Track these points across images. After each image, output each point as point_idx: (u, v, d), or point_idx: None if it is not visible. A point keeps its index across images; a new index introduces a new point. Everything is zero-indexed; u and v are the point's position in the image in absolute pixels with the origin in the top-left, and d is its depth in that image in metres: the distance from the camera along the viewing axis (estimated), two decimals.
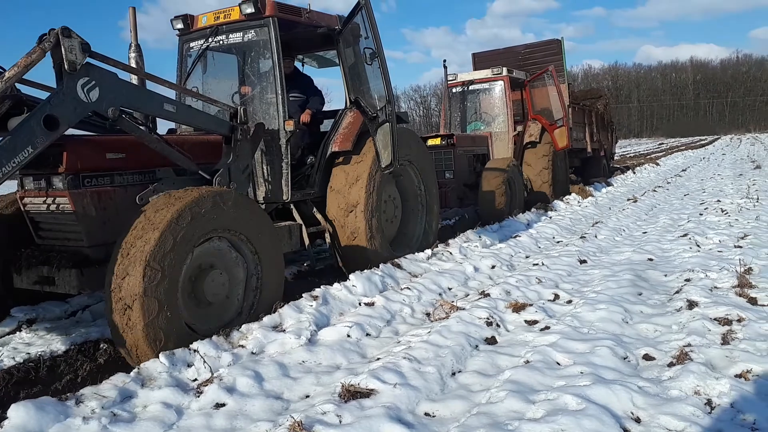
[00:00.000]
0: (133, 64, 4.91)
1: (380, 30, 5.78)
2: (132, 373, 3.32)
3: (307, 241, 5.70)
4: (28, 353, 4.08)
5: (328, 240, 5.99)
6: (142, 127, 4.25)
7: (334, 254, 6.07)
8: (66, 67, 3.51)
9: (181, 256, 3.76)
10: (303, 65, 7.10)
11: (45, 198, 4.06)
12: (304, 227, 5.68)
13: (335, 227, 5.98)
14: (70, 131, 3.85)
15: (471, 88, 11.93)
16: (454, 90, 12.10)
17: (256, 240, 4.38)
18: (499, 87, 11.57)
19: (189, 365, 3.53)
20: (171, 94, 5.12)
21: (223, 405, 3.14)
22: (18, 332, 4.48)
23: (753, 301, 4.52)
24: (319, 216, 5.99)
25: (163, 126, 5.37)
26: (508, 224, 8.60)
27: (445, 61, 11.71)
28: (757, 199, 10.74)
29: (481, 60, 14.31)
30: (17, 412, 2.76)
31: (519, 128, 11.76)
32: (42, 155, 3.57)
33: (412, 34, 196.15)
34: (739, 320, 4.06)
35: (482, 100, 12.04)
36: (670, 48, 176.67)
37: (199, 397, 3.20)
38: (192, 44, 6.02)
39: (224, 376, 3.37)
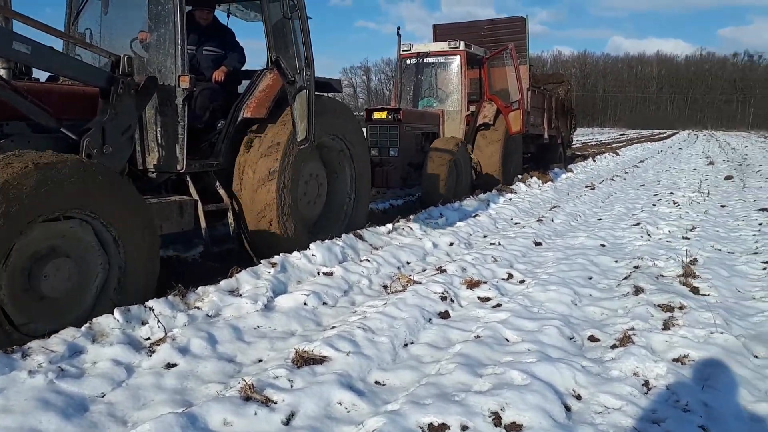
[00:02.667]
0: None
1: None
2: (83, 328, 3.25)
3: (203, 221, 4.81)
4: None
5: (231, 221, 5.18)
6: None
7: (240, 236, 5.31)
8: None
9: (11, 231, 3.03)
10: (228, 17, 6.20)
11: None
12: (200, 204, 4.82)
13: (241, 205, 5.20)
14: None
15: (426, 60, 11.03)
16: (408, 62, 11.19)
17: (117, 222, 3.60)
18: (455, 62, 10.72)
19: (143, 323, 3.49)
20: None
21: (175, 365, 3.14)
22: None
23: (695, 291, 4.72)
24: (222, 191, 5.15)
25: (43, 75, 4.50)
26: (468, 203, 8.70)
27: (399, 28, 10.64)
28: (708, 193, 11.15)
29: (442, 32, 13.46)
30: None
31: (473, 108, 11.07)
32: None
33: (386, 5, 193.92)
34: (681, 308, 4.24)
35: (437, 75, 11.20)
36: (640, 41, 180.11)
37: (150, 356, 3.19)
38: None
39: (177, 337, 3.36)
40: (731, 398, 3.03)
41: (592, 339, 3.82)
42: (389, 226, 6.64)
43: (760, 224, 8.02)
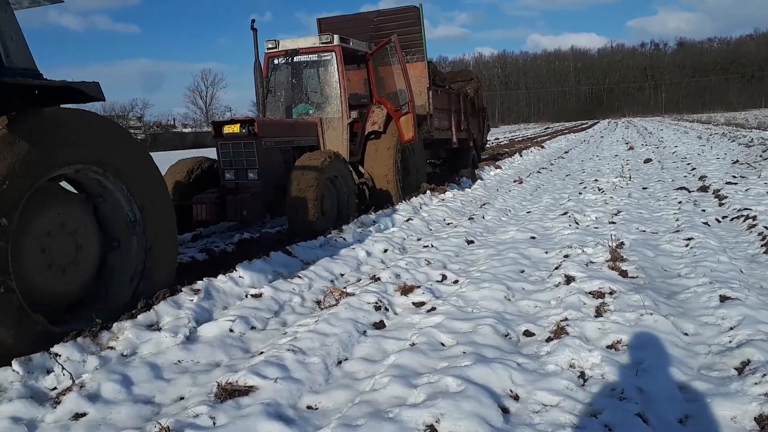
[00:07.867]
0: None
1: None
2: None
3: None
4: None
5: None
6: None
7: None
8: None
9: None
10: None
11: None
12: None
13: None
14: None
15: (297, 60, 9.01)
16: (276, 62, 9.13)
17: None
18: (331, 60, 8.82)
19: (48, 372, 3.19)
20: None
21: (84, 414, 2.85)
22: None
23: (624, 274, 4.78)
24: None
25: None
26: (401, 208, 8.63)
27: (253, 21, 8.08)
28: (630, 177, 11.55)
29: (327, 26, 11.54)
30: None
31: (354, 114, 9.00)
32: None
33: (306, 18, 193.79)
34: (611, 293, 4.27)
35: (312, 76, 9.41)
36: (556, 37, 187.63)
37: (56, 407, 2.89)
38: None
39: (87, 383, 3.07)
40: (665, 380, 3.02)
41: (527, 333, 3.77)
42: (321, 238, 6.47)
43: (680, 203, 8.33)
